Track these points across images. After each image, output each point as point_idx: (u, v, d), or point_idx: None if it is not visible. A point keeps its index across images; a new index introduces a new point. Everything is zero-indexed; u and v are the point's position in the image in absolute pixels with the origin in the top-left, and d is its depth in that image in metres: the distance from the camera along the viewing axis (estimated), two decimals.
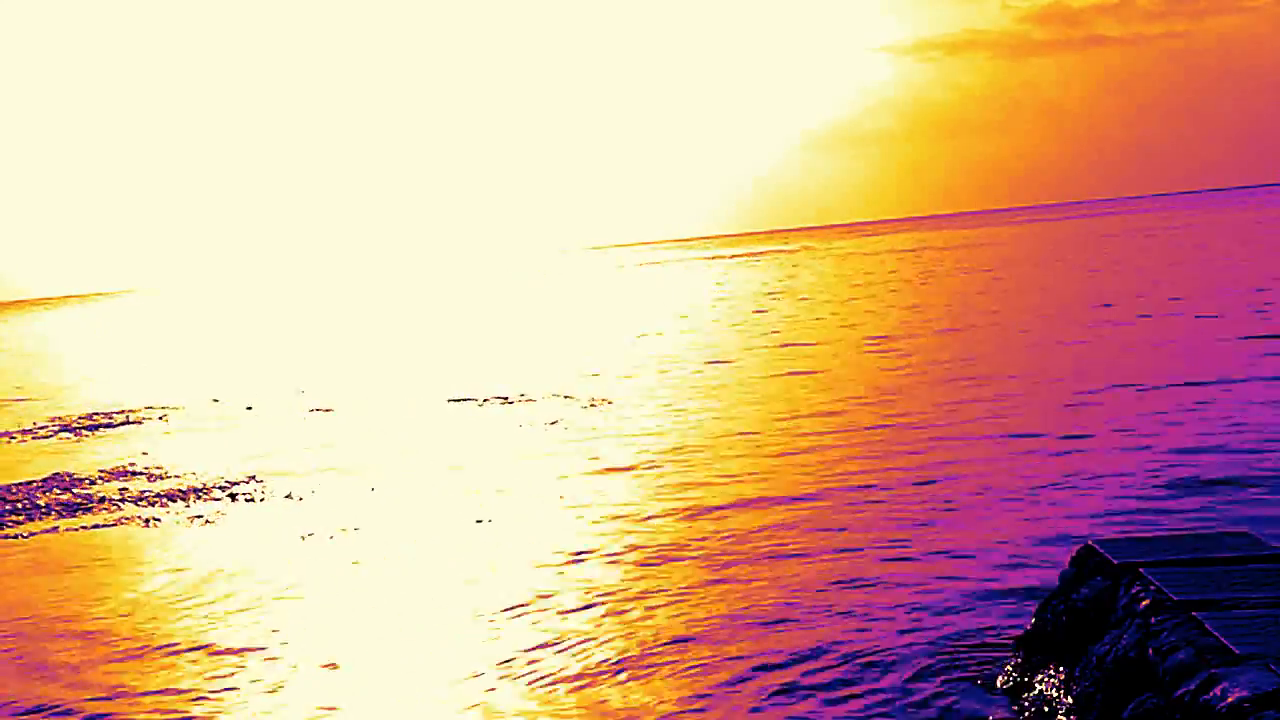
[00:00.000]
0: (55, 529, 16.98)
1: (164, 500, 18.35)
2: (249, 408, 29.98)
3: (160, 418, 29.51)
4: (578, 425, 22.57)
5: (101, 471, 21.59)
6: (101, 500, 18.68)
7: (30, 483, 21.00)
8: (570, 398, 26.59)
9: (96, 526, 16.88)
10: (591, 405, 25.19)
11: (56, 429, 29.35)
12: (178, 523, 16.70)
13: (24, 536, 16.66)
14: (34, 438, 28.16)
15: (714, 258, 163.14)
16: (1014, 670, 8.64)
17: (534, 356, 37.66)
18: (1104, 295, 41.49)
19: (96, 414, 31.84)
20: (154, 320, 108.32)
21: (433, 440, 22.42)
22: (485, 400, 27.50)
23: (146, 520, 17.02)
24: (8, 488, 20.63)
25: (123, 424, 29.04)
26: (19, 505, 18.82)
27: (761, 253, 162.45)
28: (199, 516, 16.95)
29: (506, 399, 27.29)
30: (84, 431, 28.31)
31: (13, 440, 28.10)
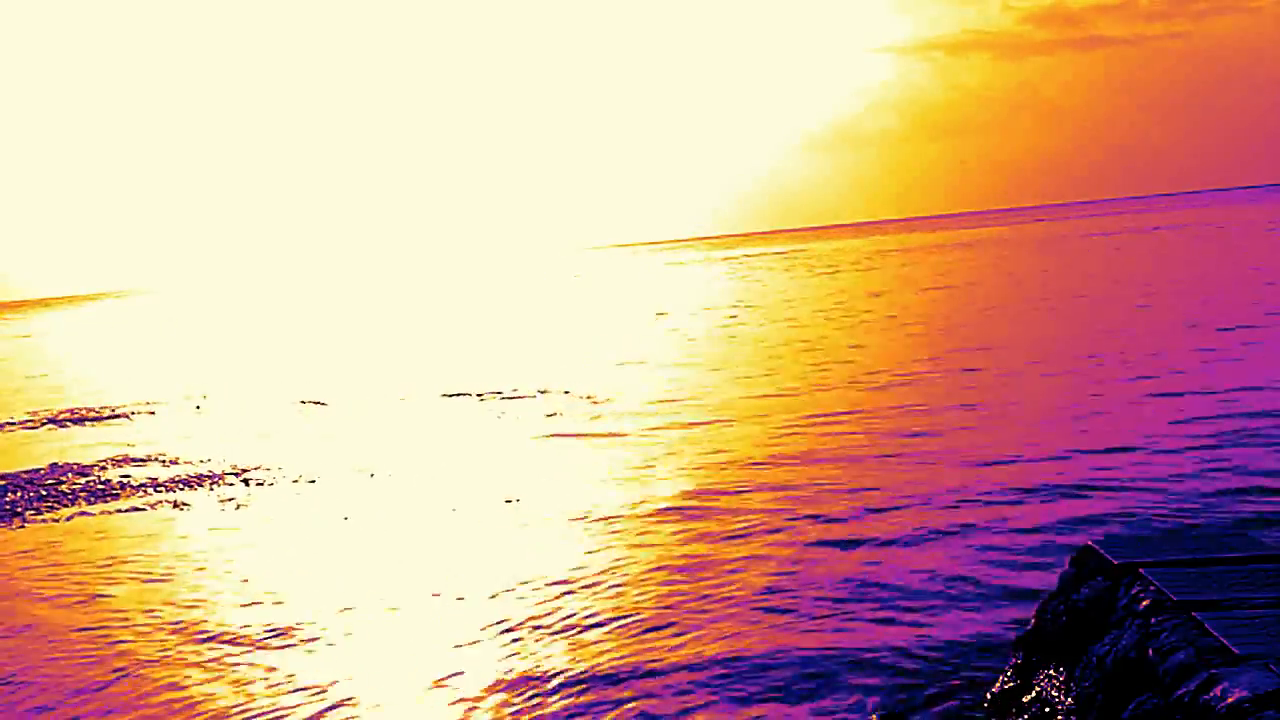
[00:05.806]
0: (86, 513, 17.14)
1: (182, 485, 18.60)
2: (209, 401, 30.25)
3: (150, 412, 29.65)
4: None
5: (100, 460, 21.76)
6: (123, 486, 18.87)
7: (38, 470, 21.14)
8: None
9: (127, 510, 17.07)
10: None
11: (43, 421, 29.56)
12: (210, 505, 16.97)
13: (57, 521, 16.80)
14: (23, 429, 28.28)
15: (713, 259, 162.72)
16: (1013, 671, 8.61)
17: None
18: (1140, 294, 41.40)
19: (80, 408, 32.00)
20: (152, 320, 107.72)
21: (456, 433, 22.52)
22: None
23: (175, 504, 17.30)
24: (17, 475, 20.73)
25: (109, 417, 29.21)
26: (39, 492, 18.98)
27: (773, 253, 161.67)
28: (231, 500, 17.25)
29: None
30: (69, 424, 28.53)
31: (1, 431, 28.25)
